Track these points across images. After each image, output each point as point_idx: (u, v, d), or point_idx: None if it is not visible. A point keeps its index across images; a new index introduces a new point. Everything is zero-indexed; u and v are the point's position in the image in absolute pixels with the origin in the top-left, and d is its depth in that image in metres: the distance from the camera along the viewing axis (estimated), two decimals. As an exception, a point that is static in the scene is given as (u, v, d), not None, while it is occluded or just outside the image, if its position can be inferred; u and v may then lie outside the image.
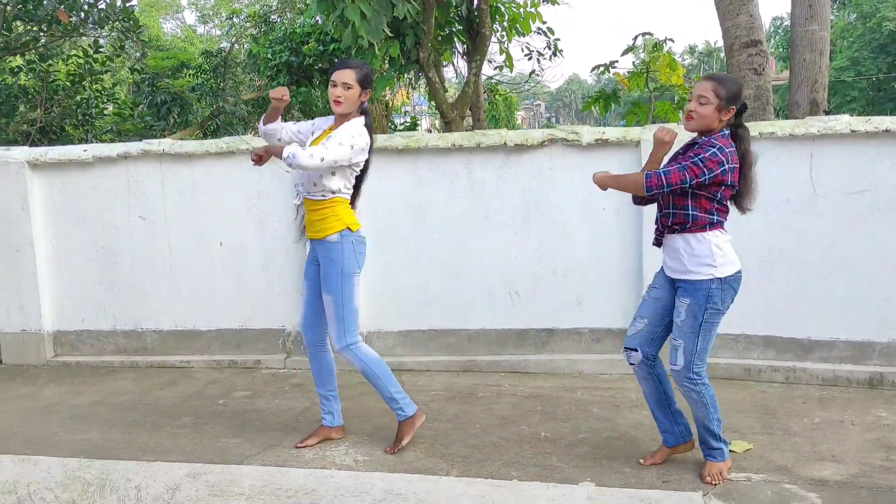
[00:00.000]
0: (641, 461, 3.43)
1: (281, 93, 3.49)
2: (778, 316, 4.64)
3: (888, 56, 37.48)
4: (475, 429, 3.97)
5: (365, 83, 3.46)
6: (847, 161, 4.45)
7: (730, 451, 3.51)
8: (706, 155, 3.01)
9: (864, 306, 4.49)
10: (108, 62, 8.63)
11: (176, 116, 13.32)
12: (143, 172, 5.26)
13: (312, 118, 4.06)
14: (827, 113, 6.29)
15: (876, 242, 4.44)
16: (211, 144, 5.18)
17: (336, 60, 11.24)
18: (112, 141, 9.67)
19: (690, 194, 3.08)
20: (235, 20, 19.17)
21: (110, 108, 10.19)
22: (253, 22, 16.18)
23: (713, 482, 3.20)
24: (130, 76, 13.59)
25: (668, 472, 3.34)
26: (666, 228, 3.21)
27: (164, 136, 10.88)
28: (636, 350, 3.32)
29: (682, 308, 3.17)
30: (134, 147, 5.24)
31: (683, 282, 3.16)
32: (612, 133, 4.81)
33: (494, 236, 4.99)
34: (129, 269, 5.35)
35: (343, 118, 3.51)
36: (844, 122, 4.43)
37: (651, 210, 3.49)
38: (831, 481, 3.22)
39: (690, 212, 3.10)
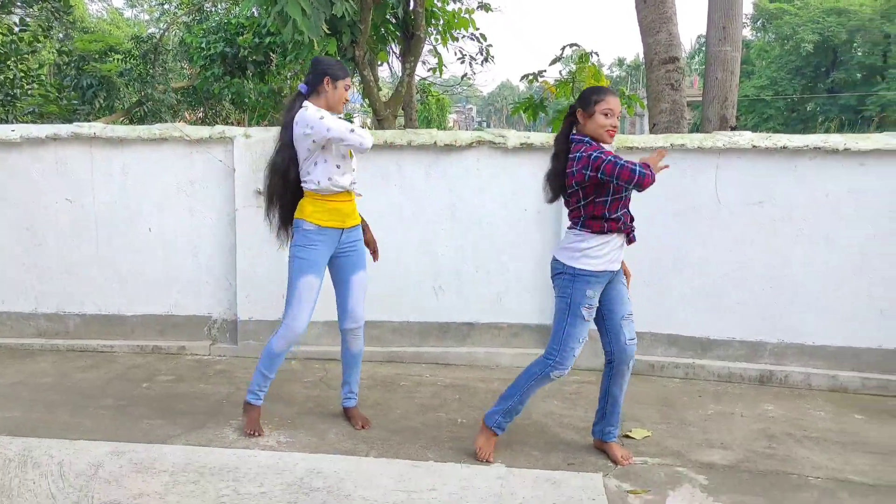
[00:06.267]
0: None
1: None
2: (681, 316, 4.98)
3: (803, 78, 39.46)
4: (395, 415, 4.15)
5: None
6: (749, 174, 4.82)
7: (630, 437, 3.81)
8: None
9: (758, 309, 4.87)
10: (34, 42, 8.43)
11: (102, 101, 13.07)
12: (72, 155, 5.24)
13: (244, 110, 4.21)
14: (733, 129, 6.72)
15: (771, 250, 4.82)
16: (143, 130, 5.20)
17: (272, 53, 11.24)
18: (34, 122, 9.46)
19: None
20: (167, 7, 18.85)
21: (34, 88, 9.94)
22: (185, 10, 15.96)
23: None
24: (52, 57, 13.24)
25: (574, 456, 3.60)
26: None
27: (89, 121, 10.67)
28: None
29: (625, 283, 3.53)
30: (64, 129, 5.21)
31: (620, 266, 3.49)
32: (537, 138, 5.07)
33: (422, 232, 5.18)
34: (55, 252, 5.32)
35: None
36: (747, 137, 4.79)
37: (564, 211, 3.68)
38: (718, 465, 3.53)
39: None
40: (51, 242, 5.32)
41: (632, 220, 3.40)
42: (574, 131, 3.41)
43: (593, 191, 3.27)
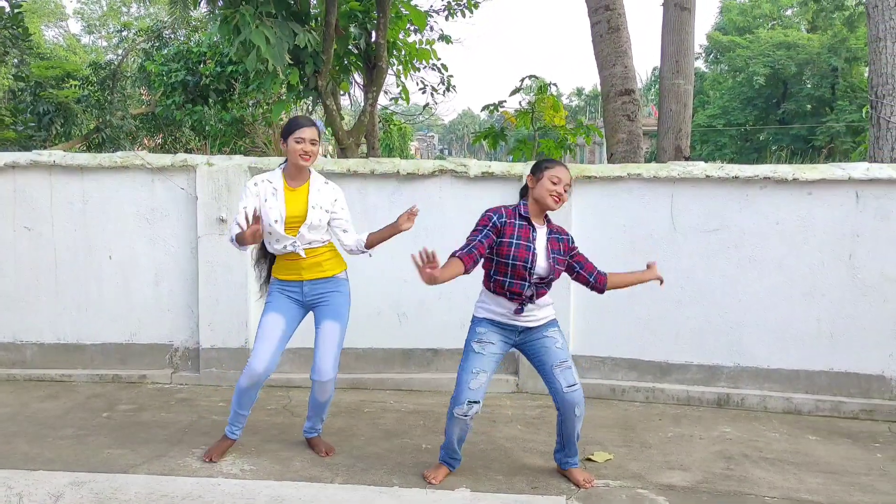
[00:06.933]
0: None
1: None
2: (641, 341, 5.09)
3: (755, 109, 40.51)
4: (360, 441, 4.16)
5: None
6: (702, 203, 4.97)
7: (592, 460, 3.88)
8: None
9: (714, 334, 5.00)
10: (-10, 68, 8.35)
11: (59, 127, 12.91)
12: (31, 183, 5.19)
13: (205, 137, 4.26)
14: (687, 159, 6.92)
15: (725, 276, 4.96)
16: (104, 158, 5.18)
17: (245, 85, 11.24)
18: (-11, 149, 9.32)
19: None
20: (126, 34, 18.75)
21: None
22: (144, 37, 15.90)
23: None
24: (7, 83, 13.06)
25: (537, 479, 3.65)
26: (538, 296, 3.49)
27: (45, 147, 10.54)
28: (478, 402, 3.52)
29: (557, 336, 3.55)
30: (23, 157, 5.17)
31: (551, 320, 3.59)
32: (498, 167, 5.17)
33: (385, 259, 5.21)
34: (12, 281, 5.25)
35: (303, 171, 3.79)
36: (701, 167, 4.95)
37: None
38: (678, 487, 3.61)
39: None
40: (8, 270, 5.24)
41: (531, 297, 3.45)
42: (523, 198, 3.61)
43: (485, 248, 3.43)
